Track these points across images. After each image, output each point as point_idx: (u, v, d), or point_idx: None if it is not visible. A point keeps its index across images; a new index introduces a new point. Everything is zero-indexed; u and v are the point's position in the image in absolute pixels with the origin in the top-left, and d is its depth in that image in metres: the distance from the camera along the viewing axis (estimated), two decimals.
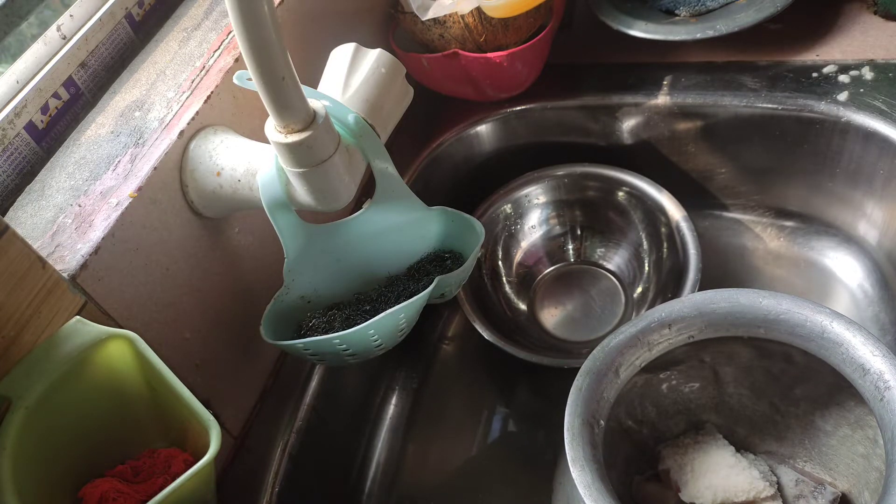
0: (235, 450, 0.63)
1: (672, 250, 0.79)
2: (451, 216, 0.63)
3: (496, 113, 0.88)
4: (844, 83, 0.77)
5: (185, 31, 0.67)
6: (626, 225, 0.86)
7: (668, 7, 0.89)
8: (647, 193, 0.83)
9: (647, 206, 0.83)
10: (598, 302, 0.85)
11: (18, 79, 0.57)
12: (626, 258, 0.86)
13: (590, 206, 0.88)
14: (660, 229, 0.81)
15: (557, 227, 0.90)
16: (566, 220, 0.90)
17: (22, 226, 0.52)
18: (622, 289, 0.85)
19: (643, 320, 0.56)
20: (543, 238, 0.90)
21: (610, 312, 0.83)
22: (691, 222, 0.77)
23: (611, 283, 0.86)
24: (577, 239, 0.89)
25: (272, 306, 0.58)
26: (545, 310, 0.86)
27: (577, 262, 0.89)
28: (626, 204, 0.85)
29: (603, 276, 0.87)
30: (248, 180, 0.53)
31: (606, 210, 0.87)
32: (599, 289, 0.86)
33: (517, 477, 0.73)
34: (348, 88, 0.55)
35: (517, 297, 0.87)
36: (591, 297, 0.86)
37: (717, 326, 0.55)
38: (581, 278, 0.88)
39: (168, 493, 0.40)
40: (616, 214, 0.87)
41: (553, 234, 0.90)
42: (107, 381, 0.46)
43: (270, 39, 0.41)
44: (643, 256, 0.84)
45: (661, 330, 0.55)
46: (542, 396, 0.79)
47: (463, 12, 0.77)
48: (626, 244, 0.86)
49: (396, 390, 0.82)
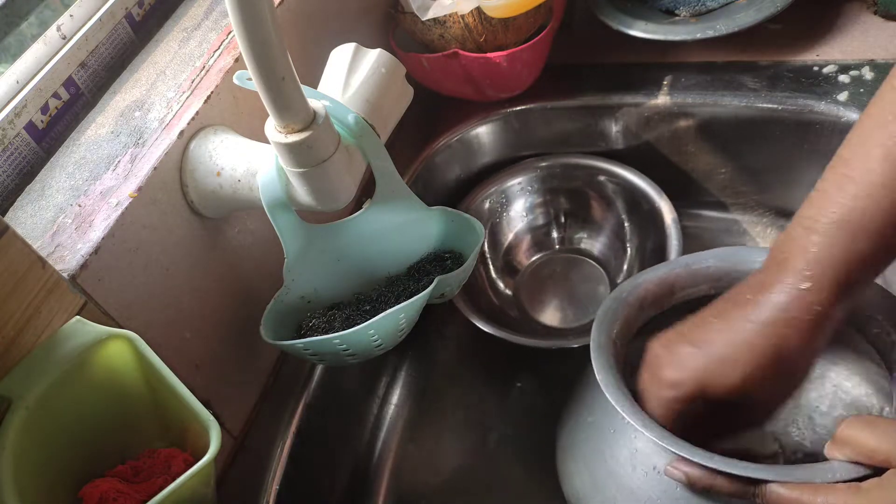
0: (235, 450, 0.63)
1: (654, 235, 0.80)
2: (451, 216, 0.63)
3: (496, 113, 0.88)
4: (844, 83, 0.77)
5: (185, 31, 0.67)
6: (609, 212, 0.87)
7: (668, 7, 0.89)
8: (628, 181, 0.84)
9: (629, 193, 0.84)
10: (582, 288, 0.86)
11: (18, 79, 0.57)
12: (609, 244, 0.87)
13: (574, 195, 0.90)
14: (641, 215, 0.82)
15: (542, 216, 0.91)
16: (550, 208, 0.91)
17: (22, 226, 0.52)
18: (606, 274, 0.86)
19: (669, 264, 0.57)
20: (529, 227, 0.91)
21: (595, 299, 0.84)
22: (671, 205, 0.79)
23: (595, 270, 0.87)
24: (561, 227, 0.91)
25: (272, 306, 0.58)
26: (531, 297, 0.86)
27: (561, 251, 0.90)
28: (609, 192, 0.87)
29: (587, 263, 0.88)
30: (248, 180, 0.53)
31: (589, 198, 0.89)
32: (584, 275, 0.87)
33: (518, 475, 0.73)
34: (348, 88, 0.55)
35: (504, 284, 0.88)
36: (576, 283, 0.86)
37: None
38: (566, 265, 0.89)
39: (168, 493, 0.40)
40: (599, 202, 0.88)
41: (538, 223, 0.91)
42: (107, 381, 0.46)
43: (270, 39, 0.41)
44: (626, 243, 0.85)
45: (686, 275, 0.56)
46: (541, 394, 0.79)
47: (463, 12, 0.77)
48: (609, 231, 0.88)
49: (396, 390, 0.82)
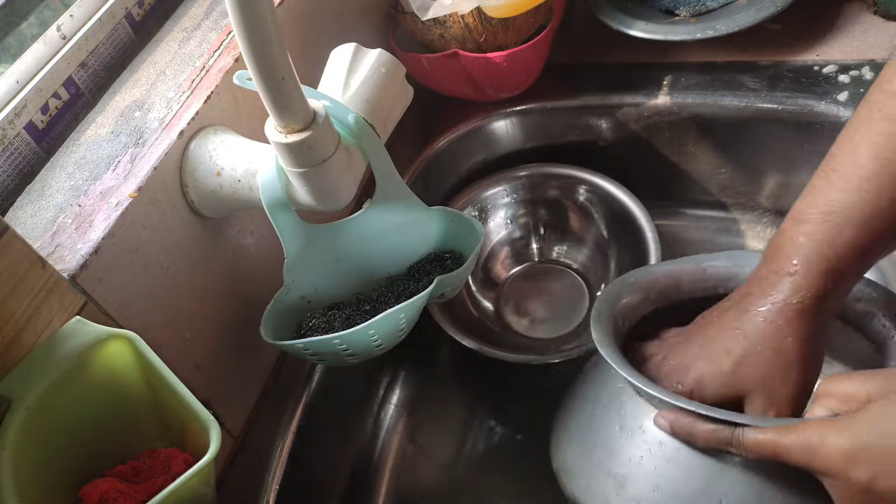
0: (235, 450, 0.63)
1: (633, 244, 0.79)
2: (451, 216, 0.63)
3: (496, 113, 0.88)
4: (844, 83, 0.77)
5: (185, 31, 0.67)
6: (588, 223, 0.87)
7: (668, 7, 0.89)
8: (605, 191, 0.84)
9: (607, 203, 0.84)
10: (563, 299, 0.85)
11: (18, 79, 0.57)
12: (590, 255, 0.87)
13: (552, 206, 0.89)
14: (620, 225, 0.82)
15: (521, 227, 0.90)
16: (529, 219, 0.90)
17: (22, 226, 0.52)
18: (586, 286, 0.86)
19: (680, 260, 0.57)
20: (508, 238, 0.90)
21: (575, 309, 0.84)
22: (647, 214, 0.79)
23: (575, 281, 0.87)
24: (540, 238, 0.90)
25: (272, 306, 0.58)
26: (511, 309, 0.86)
27: (541, 262, 0.90)
28: (587, 202, 0.86)
29: (567, 274, 0.88)
30: (248, 180, 0.53)
31: (568, 209, 0.88)
32: (564, 286, 0.86)
33: (518, 475, 0.73)
34: (348, 88, 0.55)
35: (483, 297, 0.87)
36: (556, 295, 0.86)
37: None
38: (546, 277, 0.88)
39: (168, 492, 0.40)
40: (577, 213, 0.88)
41: (517, 234, 0.90)
42: (107, 381, 0.46)
43: (270, 39, 0.41)
44: (607, 253, 0.85)
45: (695, 272, 0.56)
46: (542, 394, 0.79)
47: (463, 12, 0.77)
48: (588, 242, 0.87)
49: (396, 390, 0.82)
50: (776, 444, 0.40)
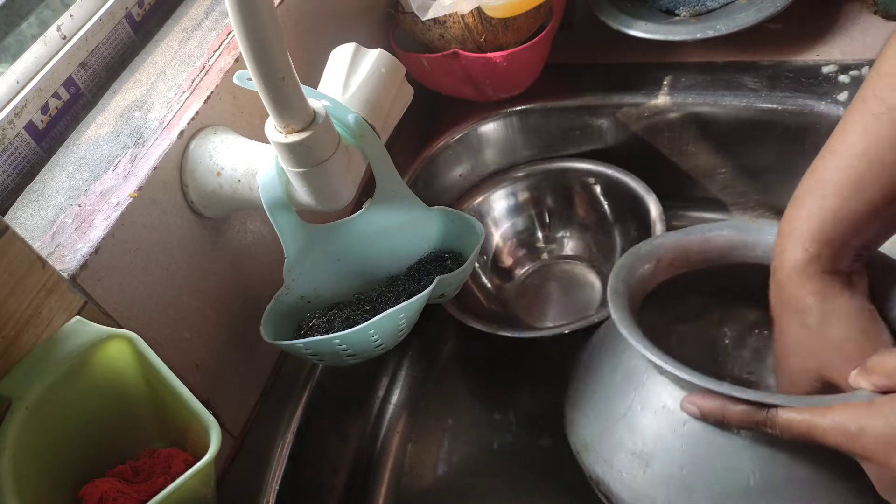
0: (235, 450, 0.63)
1: (642, 233, 0.79)
2: (451, 216, 0.63)
3: (496, 113, 0.88)
4: (844, 83, 0.77)
5: (185, 31, 0.67)
6: (597, 214, 0.87)
7: (668, 7, 0.89)
8: (616, 181, 0.84)
9: (617, 193, 0.84)
10: (574, 293, 0.85)
11: (18, 79, 0.57)
12: (595, 242, 0.87)
13: (556, 199, 0.89)
14: (631, 215, 0.82)
15: (528, 220, 0.90)
16: (537, 213, 0.90)
17: (22, 226, 0.52)
18: (598, 277, 0.85)
19: (687, 230, 0.58)
20: (515, 232, 0.90)
21: (587, 300, 0.83)
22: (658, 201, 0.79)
23: (586, 273, 0.86)
24: (545, 236, 0.90)
25: (272, 306, 0.58)
26: (523, 302, 0.86)
27: (549, 255, 0.90)
28: (597, 193, 0.86)
29: (577, 266, 0.87)
30: (248, 180, 0.53)
31: (577, 201, 0.88)
32: (574, 280, 0.86)
33: (519, 475, 0.73)
34: (348, 88, 0.55)
35: (496, 291, 0.87)
36: (568, 286, 0.86)
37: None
38: (556, 270, 0.88)
39: (168, 492, 0.40)
40: (581, 202, 0.88)
41: (524, 227, 0.90)
42: (107, 381, 0.46)
43: (270, 39, 0.41)
44: (613, 235, 0.85)
45: (701, 242, 0.57)
46: (542, 394, 0.79)
47: (463, 12, 0.77)
48: (598, 232, 0.87)
49: (396, 390, 0.82)
50: (812, 425, 0.40)
